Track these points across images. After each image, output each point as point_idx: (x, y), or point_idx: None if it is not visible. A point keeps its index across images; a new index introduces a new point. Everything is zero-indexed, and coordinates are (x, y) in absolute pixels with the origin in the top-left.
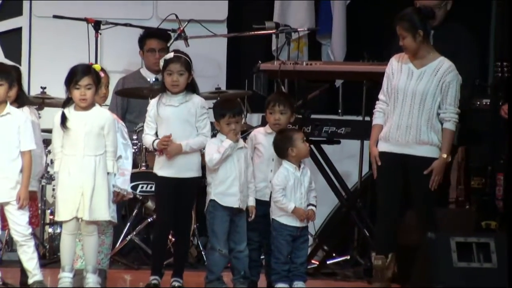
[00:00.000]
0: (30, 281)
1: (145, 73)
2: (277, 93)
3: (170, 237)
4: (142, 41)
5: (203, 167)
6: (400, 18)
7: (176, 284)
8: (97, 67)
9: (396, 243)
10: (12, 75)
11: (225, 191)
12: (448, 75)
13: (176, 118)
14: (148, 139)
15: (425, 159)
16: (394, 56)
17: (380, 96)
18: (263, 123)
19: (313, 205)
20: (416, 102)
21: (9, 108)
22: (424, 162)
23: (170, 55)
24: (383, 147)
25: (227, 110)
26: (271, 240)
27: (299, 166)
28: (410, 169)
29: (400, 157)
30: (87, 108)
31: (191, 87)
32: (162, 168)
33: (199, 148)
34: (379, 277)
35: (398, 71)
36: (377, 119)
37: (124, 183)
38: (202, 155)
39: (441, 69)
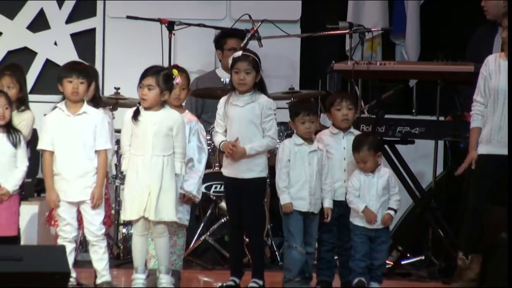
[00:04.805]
0: (99, 281)
1: (221, 73)
2: (339, 91)
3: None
4: (221, 41)
5: (272, 167)
6: None
7: (254, 285)
8: (174, 72)
9: (480, 245)
10: (91, 75)
11: (295, 194)
12: None
13: (241, 119)
14: (217, 138)
15: None
16: (490, 56)
17: (477, 97)
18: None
19: (392, 209)
20: None
21: (86, 107)
22: None
23: (238, 53)
24: (483, 149)
25: (302, 109)
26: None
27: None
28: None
29: (502, 158)
30: (155, 108)
31: (260, 87)
32: (226, 168)
33: (265, 150)
34: (458, 277)
35: (496, 72)
36: (475, 122)
37: (190, 186)
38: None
39: None
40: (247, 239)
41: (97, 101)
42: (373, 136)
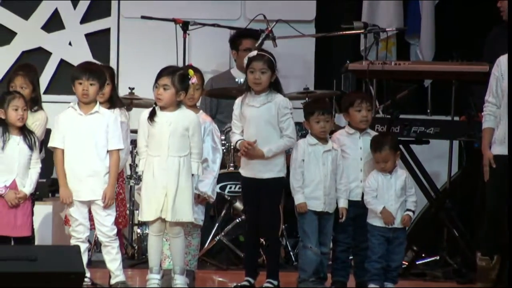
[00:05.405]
0: (113, 281)
1: (236, 73)
2: (356, 91)
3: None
4: (236, 41)
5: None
6: None
7: (268, 285)
8: (190, 72)
9: (502, 245)
10: (104, 76)
11: (309, 194)
12: None
13: (258, 120)
14: (233, 138)
15: None
16: (502, 56)
17: (489, 98)
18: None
19: (410, 210)
20: None
21: (98, 107)
22: None
23: (254, 53)
24: (497, 150)
25: (316, 108)
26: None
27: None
28: None
29: None
30: (171, 109)
31: (275, 87)
32: (244, 168)
33: (283, 150)
34: (482, 277)
35: (508, 72)
36: (488, 122)
37: (205, 186)
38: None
39: None
40: (262, 239)
41: (114, 101)
42: (391, 136)
